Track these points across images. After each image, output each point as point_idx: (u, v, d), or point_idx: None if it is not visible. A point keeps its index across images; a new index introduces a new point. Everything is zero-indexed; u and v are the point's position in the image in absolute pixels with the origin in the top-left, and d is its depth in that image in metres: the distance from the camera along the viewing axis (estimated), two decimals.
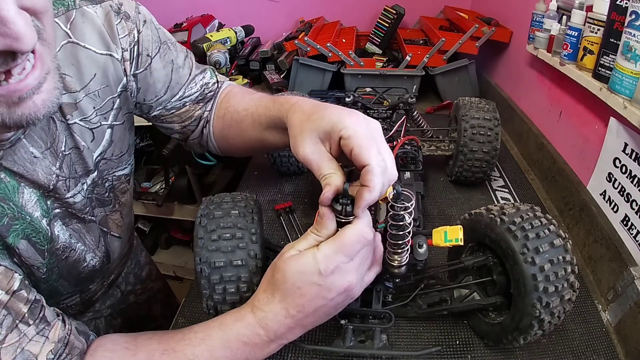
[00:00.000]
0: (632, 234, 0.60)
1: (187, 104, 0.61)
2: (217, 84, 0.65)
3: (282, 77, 1.40)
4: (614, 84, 0.59)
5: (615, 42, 0.59)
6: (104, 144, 0.52)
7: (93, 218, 0.54)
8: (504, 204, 0.51)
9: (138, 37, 0.52)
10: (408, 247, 0.46)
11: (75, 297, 0.60)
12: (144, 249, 0.89)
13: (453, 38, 1.20)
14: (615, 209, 0.65)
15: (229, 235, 0.46)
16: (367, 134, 0.40)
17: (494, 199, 0.83)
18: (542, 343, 0.53)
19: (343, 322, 0.48)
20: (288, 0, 1.67)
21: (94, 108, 0.49)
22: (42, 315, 0.39)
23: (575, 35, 0.72)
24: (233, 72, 1.43)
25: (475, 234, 0.50)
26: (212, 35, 1.33)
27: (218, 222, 0.47)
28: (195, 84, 0.61)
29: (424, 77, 1.24)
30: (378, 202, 0.43)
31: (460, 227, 0.46)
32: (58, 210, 0.47)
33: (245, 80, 1.40)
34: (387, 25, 1.33)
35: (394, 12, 1.31)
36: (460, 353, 0.52)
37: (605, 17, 0.62)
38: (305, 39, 1.24)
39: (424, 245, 0.47)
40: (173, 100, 0.60)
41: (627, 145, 0.62)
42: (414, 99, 0.81)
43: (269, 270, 0.44)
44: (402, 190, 0.42)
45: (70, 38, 0.45)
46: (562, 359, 0.52)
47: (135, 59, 0.53)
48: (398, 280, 0.51)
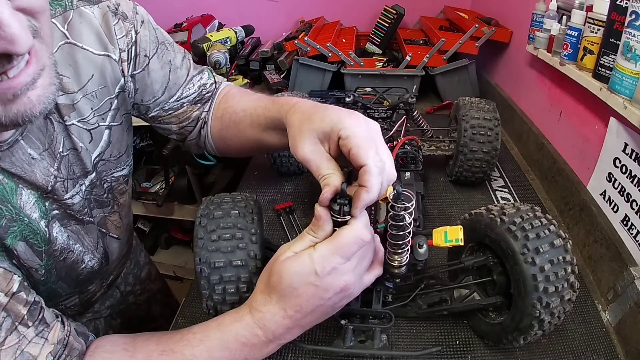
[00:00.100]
0: (632, 234, 0.60)
1: (184, 105, 0.61)
2: (214, 85, 0.64)
3: (282, 77, 1.40)
4: (614, 84, 0.59)
5: (615, 42, 0.59)
6: (102, 145, 0.52)
7: (91, 219, 0.53)
8: (504, 204, 0.50)
9: (136, 37, 0.52)
10: (408, 247, 0.46)
11: (74, 298, 0.60)
12: (143, 250, 0.89)
13: (453, 38, 1.20)
14: (615, 209, 0.65)
15: (229, 236, 0.46)
16: (366, 135, 0.40)
17: (494, 199, 0.83)
18: (542, 343, 0.53)
19: (343, 322, 0.48)
20: (288, 0, 1.67)
21: (92, 109, 0.49)
22: (41, 317, 0.39)
23: (575, 35, 0.72)
24: (233, 72, 1.43)
25: (476, 234, 0.50)
26: (212, 35, 1.33)
27: (218, 222, 0.47)
28: (193, 85, 0.61)
29: (424, 77, 1.24)
30: (378, 202, 0.43)
31: (461, 227, 0.46)
32: (56, 212, 0.47)
33: (245, 80, 1.39)
34: (387, 25, 1.33)
35: (394, 12, 1.31)
36: (460, 353, 0.52)
37: (605, 17, 0.62)
38: (305, 39, 1.23)
39: (424, 246, 0.47)
40: (171, 101, 0.60)
41: (627, 145, 0.62)
42: (414, 99, 0.81)
43: (265, 273, 0.44)
44: (402, 191, 0.42)
45: (68, 39, 0.45)
46: (562, 359, 0.52)
47: (133, 60, 0.53)
48: (398, 281, 0.51)
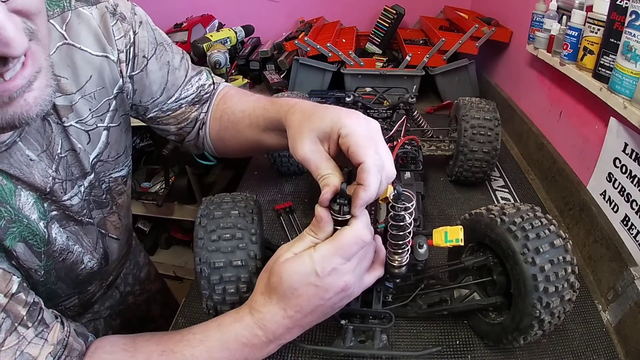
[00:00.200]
0: (632, 234, 0.60)
1: (183, 106, 0.61)
2: (213, 86, 0.64)
3: (282, 77, 1.40)
4: (614, 84, 0.59)
5: (615, 42, 0.59)
6: (100, 146, 0.52)
7: (90, 220, 0.53)
8: (504, 204, 0.50)
9: (134, 38, 0.52)
10: (408, 247, 0.46)
11: (74, 298, 0.60)
12: (143, 250, 0.89)
13: (453, 38, 1.20)
14: (615, 209, 0.65)
15: (229, 236, 0.46)
16: (365, 133, 0.41)
17: (494, 199, 0.83)
18: (542, 343, 0.53)
19: (343, 322, 0.48)
20: (288, 0, 1.67)
21: (90, 110, 0.49)
22: (40, 318, 0.39)
23: (575, 35, 0.72)
24: (233, 72, 1.43)
25: (476, 234, 0.50)
26: (212, 35, 1.33)
27: (218, 222, 0.47)
28: (192, 86, 0.61)
29: (424, 77, 1.24)
30: (378, 202, 0.43)
31: (461, 227, 0.46)
32: (55, 213, 0.47)
33: (245, 80, 1.39)
34: (387, 25, 1.33)
35: (394, 12, 1.31)
36: (460, 353, 0.52)
37: (605, 17, 0.62)
38: (305, 39, 1.23)
39: (425, 246, 0.47)
40: (169, 102, 0.60)
41: (627, 145, 0.62)
42: (414, 99, 0.81)
43: (264, 273, 0.43)
44: (402, 191, 0.42)
45: (66, 40, 0.45)
46: (562, 359, 0.52)
47: (131, 61, 0.52)
48: (398, 281, 0.51)
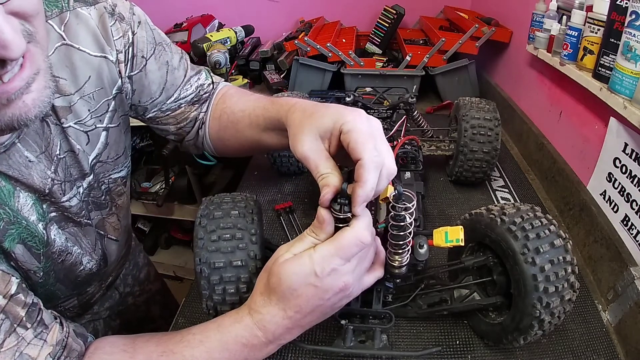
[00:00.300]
0: (632, 234, 0.60)
1: (182, 106, 0.61)
2: (212, 85, 0.64)
3: (282, 77, 1.40)
4: (614, 84, 0.59)
5: (615, 42, 0.59)
6: (99, 147, 0.52)
7: (89, 222, 0.53)
8: (505, 204, 0.50)
9: (133, 38, 0.52)
10: (409, 247, 0.46)
11: (73, 300, 0.60)
12: (142, 251, 0.88)
13: (453, 38, 1.20)
14: (615, 209, 0.65)
15: (229, 236, 0.46)
16: (366, 130, 0.41)
17: (494, 199, 0.83)
18: (542, 343, 0.53)
19: (343, 322, 0.48)
20: (288, 0, 1.67)
21: (89, 111, 0.49)
22: (39, 319, 0.39)
23: (575, 35, 0.72)
24: (233, 72, 1.43)
25: (476, 234, 0.50)
26: (212, 35, 1.33)
27: (218, 222, 0.47)
28: (191, 86, 0.61)
29: (424, 77, 1.24)
30: (378, 202, 0.43)
31: (461, 227, 0.46)
32: (54, 214, 0.47)
33: (245, 81, 1.39)
34: (387, 25, 1.33)
35: (394, 12, 1.31)
36: (461, 353, 0.52)
37: (605, 17, 0.62)
38: (305, 39, 1.23)
39: (425, 246, 0.47)
40: (168, 102, 0.59)
41: (627, 145, 0.62)
42: (414, 99, 0.81)
43: (264, 274, 0.43)
44: (403, 191, 0.42)
45: (65, 40, 0.45)
46: (562, 359, 0.52)
47: (130, 61, 0.52)
48: (398, 281, 0.51)
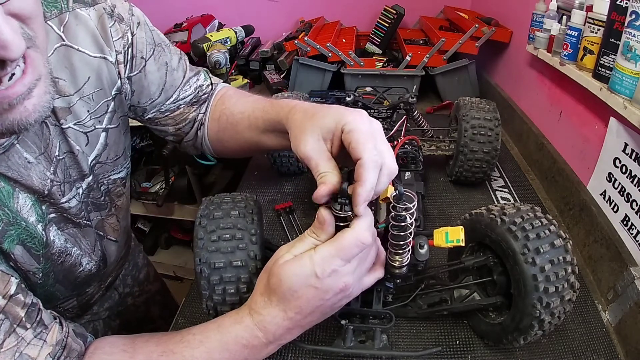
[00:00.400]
0: (632, 234, 0.60)
1: (181, 107, 0.61)
2: (211, 86, 0.64)
3: (282, 77, 1.40)
4: (614, 84, 0.59)
5: (615, 42, 0.59)
6: (99, 148, 0.52)
7: (89, 223, 0.53)
8: (505, 204, 0.50)
9: (132, 39, 0.52)
10: (409, 247, 0.46)
11: (72, 301, 0.60)
12: (142, 251, 0.88)
13: (453, 38, 1.20)
14: (615, 209, 0.65)
15: (229, 236, 0.46)
16: (367, 130, 0.41)
17: (494, 199, 0.83)
18: (542, 343, 0.53)
19: (343, 322, 0.48)
20: (288, 0, 1.67)
21: (88, 112, 0.49)
22: (39, 319, 0.39)
23: (575, 35, 0.72)
24: (233, 72, 1.43)
25: (476, 234, 0.50)
26: (212, 35, 1.33)
27: (218, 222, 0.47)
28: (190, 87, 0.61)
29: (424, 77, 1.24)
30: (379, 202, 0.43)
31: (462, 228, 0.46)
32: (53, 215, 0.47)
33: (245, 81, 1.39)
34: (387, 25, 1.33)
35: (394, 12, 1.31)
36: (461, 353, 0.52)
37: (605, 17, 0.62)
38: (305, 39, 1.23)
39: (425, 246, 0.47)
40: (167, 103, 0.60)
41: (627, 145, 0.62)
42: (415, 99, 0.81)
43: (264, 274, 0.43)
44: (404, 191, 0.42)
45: (64, 41, 0.45)
46: (562, 359, 0.52)
47: (130, 62, 0.52)
48: (399, 281, 0.50)
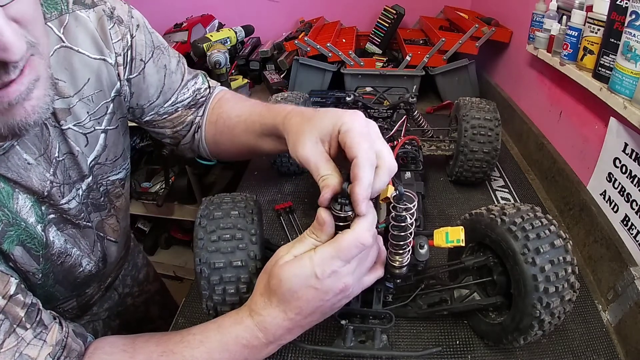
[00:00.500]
0: (632, 234, 0.60)
1: (179, 109, 0.61)
2: (208, 90, 0.65)
3: (282, 77, 1.40)
4: (614, 84, 0.59)
5: (615, 42, 0.59)
6: (98, 149, 0.52)
7: (89, 224, 0.53)
8: (505, 204, 0.50)
9: (131, 41, 0.52)
10: (410, 247, 0.46)
11: (72, 301, 0.60)
12: (141, 251, 0.89)
13: (453, 38, 1.20)
14: (615, 209, 0.65)
15: (229, 236, 0.46)
16: (363, 130, 0.41)
17: (494, 199, 0.83)
18: (542, 343, 0.53)
19: (343, 322, 0.48)
20: (288, 0, 1.67)
21: (88, 113, 0.49)
22: (39, 319, 0.39)
23: (575, 35, 0.72)
24: (233, 72, 1.43)
25: (476, 234, 0.50)
26: (212, 35, 1.33)
27: (218, 222, 0.47)
28: (188, 90, 0.62)
29: (424, 77, 1.24)
30: (379, 202, 0.43)
31: (462, 228, 0.46)
32: (52, 216, 0.47)
33: (245, 81, 1.39)
34: (387, 25, 1.33)
35: (394, 12, 1.31)
36: (461, 353, 0.52)
37: (605, 17, 0.62)
38: (305, 39, 1.23)
39: (426, 246, 0.47)
40: (165, 106, 0.60)
41: (627, 145, 0.62)
42: (415, 99, 0.81)
43: (263, 275, 0.43)
44: (404, 192, 0.42)
45: (64, 42, 0.45)
46: (562, 359, 0.52)
47: (129, 64, 0.53)
48: (399, 281, 0.51)
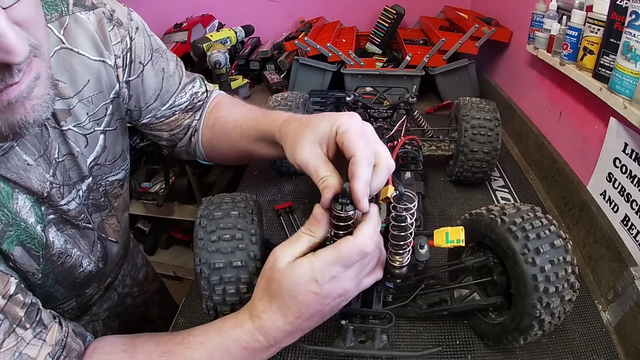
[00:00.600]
0: (632, 234, 0.60)
1: (176, 113, 0.62)
2: (206, 94, 0.65)
3: (282, 77, 1.40)
4: (614, 84, 0.59)
5: (615, 42, 0.59)
6: (98, 150, 0.52)
7: (89, 225, 0.53)
8: (505, 204, 0.50)
9: (131, 44, 0.52)
10: (410, 248, 0.46)
11: (72, 301, 0.60)
12: (141, 251, 0.89)
13: (453, 38, 1.20)
14: (615, 209, 0.65)
15: (229, 236, 0.46)
16: (359, 131, 0.42)
17: (494, 199, 0.83)
18: (542, 343, 0.53)
19: (343, 322, 0.48)
20: (288, 0, 1.67)
21: (88, 114, 0.49)
22: (38, 319, 0.39)
23: (575, 35, 0.72)
24: (233, 72, 1.43)
25: (476, 234, 0.50)
26: (212, 35, 1.33)
27: (218, 223, 0.47)
28: (185, 93, 0.62)
29: (424, 77, 1.24)
30: (379, 202, 0.43)
31: (462, 228, 0.46)
32: (52, 216, 0.47)
33: (245, 81, 1.39)
34: (387, 25, 1.33)
35: (394, 12, 1.31)
36: (461, 353, 0.52)
37: (605, 17, 0.62)
38: (305, 39, 1.23)
39: (426, 246, 0.47)
40: (163, 109, 0.60)
41: (627, 145, 0.62)
42: (415, 99, 0.82)
43: (263, 278, 0.43)
44: (404, 192, 0.42)
45: (64, 44, 0.45)
46: (562, 359, 0.52)
47: (128, 66, 0.53)
48: (399, 281, 0.51)
